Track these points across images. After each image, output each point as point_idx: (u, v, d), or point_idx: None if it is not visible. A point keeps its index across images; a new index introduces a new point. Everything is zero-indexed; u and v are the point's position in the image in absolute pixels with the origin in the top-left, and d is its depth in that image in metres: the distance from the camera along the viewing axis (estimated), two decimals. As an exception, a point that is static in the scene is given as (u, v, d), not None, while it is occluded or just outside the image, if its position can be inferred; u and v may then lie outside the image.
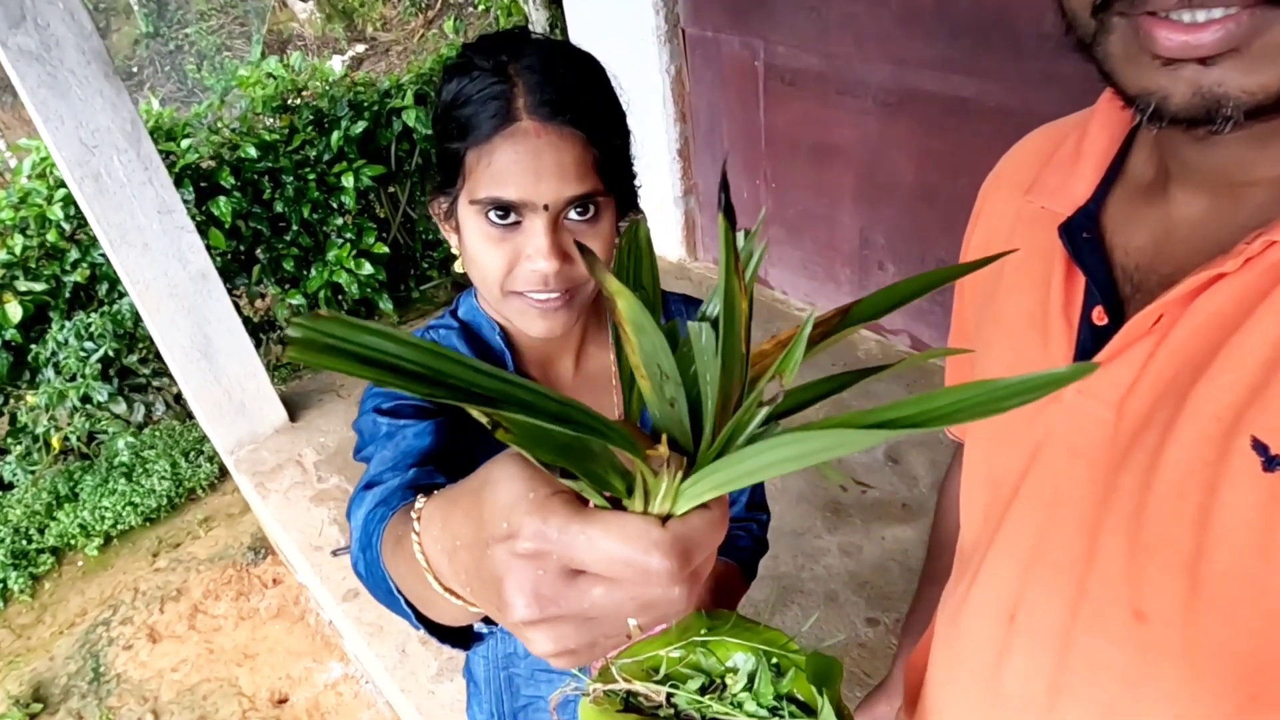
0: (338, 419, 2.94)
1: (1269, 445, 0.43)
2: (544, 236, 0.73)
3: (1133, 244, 0.54)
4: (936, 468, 2.40)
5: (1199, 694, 0.51)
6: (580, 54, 0.78)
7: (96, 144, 2.19)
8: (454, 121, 0.74)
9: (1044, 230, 0.59)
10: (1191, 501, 0.47)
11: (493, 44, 0.75)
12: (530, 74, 0.72)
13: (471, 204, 0.75)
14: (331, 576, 2.37)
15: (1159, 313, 0.49)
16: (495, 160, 0.72)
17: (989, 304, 0.67)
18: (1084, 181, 0.58)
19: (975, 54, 2.19)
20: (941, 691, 0.75)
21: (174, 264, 2.45)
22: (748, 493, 1.06)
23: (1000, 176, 0.70)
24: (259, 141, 3.71)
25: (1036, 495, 0.58)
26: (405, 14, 7.51)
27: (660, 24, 3.00)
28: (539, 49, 0.74)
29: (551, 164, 0.71)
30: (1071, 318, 0.56)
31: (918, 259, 2.69)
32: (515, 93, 0.72)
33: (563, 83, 0.73)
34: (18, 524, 3.23)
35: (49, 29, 2.05)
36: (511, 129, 0.71)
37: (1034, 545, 0.59)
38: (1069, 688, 0.58)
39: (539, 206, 0.72)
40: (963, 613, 0.68)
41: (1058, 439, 0.56)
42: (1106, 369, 0.52)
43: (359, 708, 2.53)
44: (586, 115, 0.74)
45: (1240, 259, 0.45)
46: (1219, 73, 0.40)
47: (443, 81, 0.77)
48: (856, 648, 1.97)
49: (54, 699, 2.70)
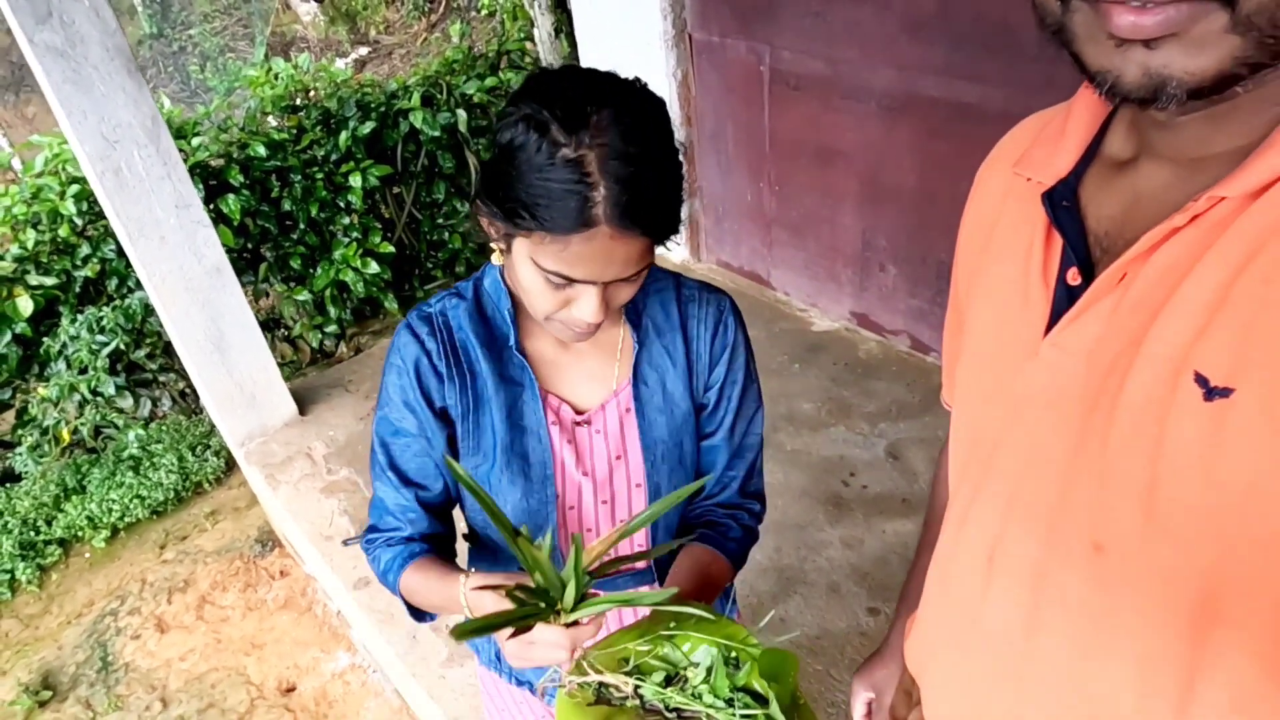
0: (347, 413, 2.98)
1: (1209, 378, 0.47)
2: (595, 302, 0.80)
3: (1104, 212, 0.59)
4: (935, 464, 2.45)
5: (1153, 621, 0.55)
6: (658, 137, 0.77)
7: (118, 139, 2.24)
8: (524, 191, 0.74)
9: (1028, 201, 0.64)
10: (1145, 435, 0.51)
11: (572, 112, 0.73)
12: (612, 179, 0.72)
13: (532, 259, 0.78)
14: (342, 565, 2.40)
15: (1123, 271, 0.54)
16: (568, 249, 0.75)
17: (977, 271, 0.72)
18: (1066, 156, 0.63)
19: (977, 60, 2.25)
20: (930, 635, 0.79)
21: (189, 258, 2.49)
22: (739, 479, 1.06)
23: (995, 156, 0.76)
24: (268, 140, 3.76)
25: (1016, 445, 0.63)
26: (408, 17, 7.57)
27: (667, 28, 3.05)
28: (621, 134, 0.73)
29: (620, 260, 0.77)
30: (1049, 279, 0.61)
31: (919, 261, 2.74)
32: (595, 197, 0.72)
33: (643, 191, 0.74)
34: (26, 515, 3.25)
35: (74, 25, 2.10)
36: (590, 233, 0.74)
37: (1012, 490, 0.63)
38: (1042, 622, 0.62)
39: (597, 283, 0.79)
40: (950, 560, 0.72)
41: (1035, 392, 0.61)
42: (1077, 323, 0.57)
43: (366, 696, 2.56)
44: (659, 222, 0.77)
45: (1189, 214, 0.50)
46: (1163, 55, 0.45)
47: (510, 123, 0.75)
48: (858, 636, 2.02)
49: (63, 687, 2.73)
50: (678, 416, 0.99)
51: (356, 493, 2.63)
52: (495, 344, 0.95)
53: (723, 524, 1.04)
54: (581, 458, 0.98)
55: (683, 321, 0.98)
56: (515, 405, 0.94)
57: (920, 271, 2.76)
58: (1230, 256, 0.48)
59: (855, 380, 2.84)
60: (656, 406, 0.97)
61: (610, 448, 0.98)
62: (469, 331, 0.94)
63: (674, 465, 1.00)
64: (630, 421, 0.97)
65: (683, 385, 0.98)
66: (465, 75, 4.31)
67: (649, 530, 1.04)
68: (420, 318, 0.96)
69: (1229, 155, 0.51)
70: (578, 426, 0.97)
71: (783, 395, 2.81)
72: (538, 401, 0.94)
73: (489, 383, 0.94)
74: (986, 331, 0.68)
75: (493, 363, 0.94)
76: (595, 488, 0.99)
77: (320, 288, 3.92)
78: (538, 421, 0.95)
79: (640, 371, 0.97)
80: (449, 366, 0.93)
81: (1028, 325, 0.62)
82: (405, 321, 0.96)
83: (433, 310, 0.96)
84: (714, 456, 1.04)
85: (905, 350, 2.94)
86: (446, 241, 4.36)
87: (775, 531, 2.32)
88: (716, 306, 0.99)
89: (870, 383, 2.83)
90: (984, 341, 0.68)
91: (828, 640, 2.02)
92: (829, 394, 2.79)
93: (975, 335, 0.70)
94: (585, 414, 0.97)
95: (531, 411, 0.95)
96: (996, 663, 0.67)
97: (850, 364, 2.93)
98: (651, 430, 0.98)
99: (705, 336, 0.98)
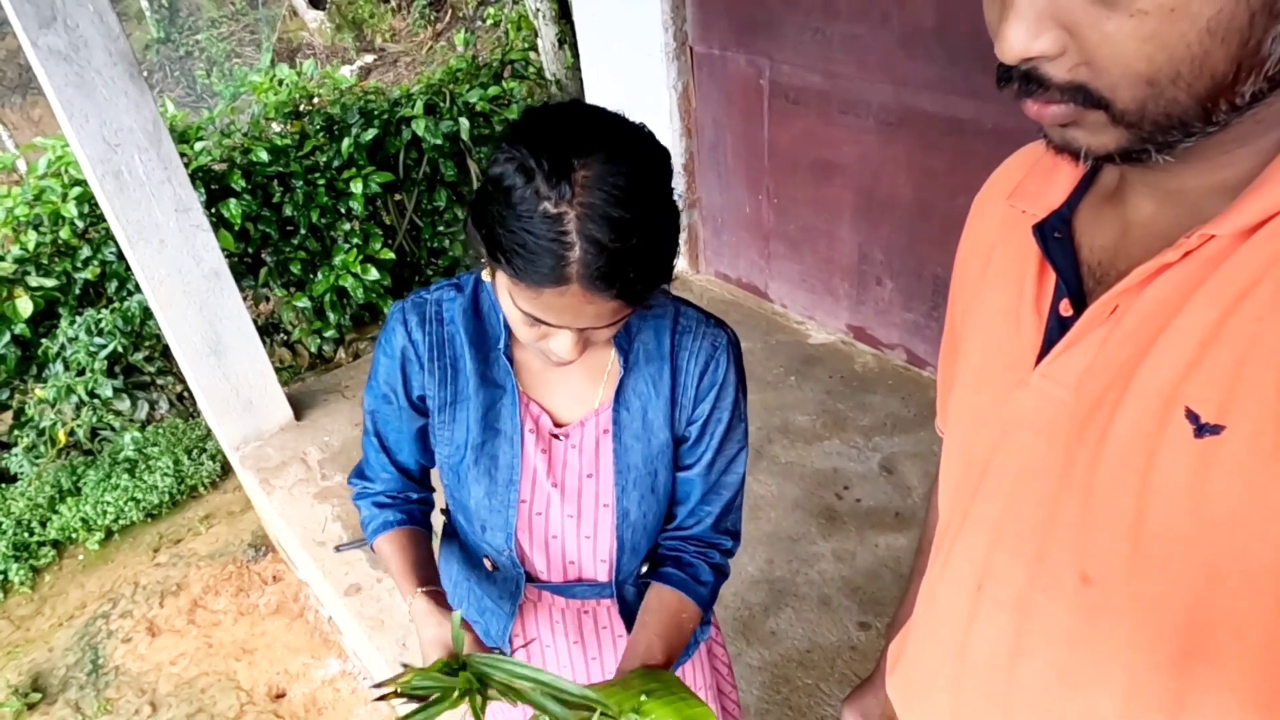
0: (342, 418, 2.98)
1: (1200, 414, 0.48)
2: (569, 343, 0.81)
3: (1097, 244, 0.60)
4: (929, 478, 2.45)
5: (1139, 653, 0.55)
6: (649, 196, 0.74)
7: (119, 143, 2.25)
8: (504, 236, 0.73)
9: (1022, 232, 0.65)
10: (1134, 470, 0.52)
11: (558, 164, 0.70)
12: (588, 241, 0.71)
13: (510, 294, 0.78)
14: (334, 571, 2.40)
15: (1114, 303, 0.55)
16: (540, 298, 0.75)
17: (973, 299, 0.72)
18: (1059, 188, 0.64)
19: (973, 76, 2.27)
20: (916, 660, 0.80)
21: (188, 261, 2.50)
22: (713, 515, 1.03)
23: (990, 187, 0.77)
24: (270, 146, 3.78)
25: (1004, 472, 0.63)
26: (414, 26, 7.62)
27: (669, 41, 3.07)
28: (606, 193, 0.71)
29: (592, 315, 0.77)
30: (1042, 310, 0.62)
31: (915, 275, 2.75)
32: (570, 257, 0.71)
33: (619, 257, 0.72)
34: (20, 516, 3.26)
35: (78, 30, 2.11)
36: (561, 289, 0.73)
37: (1000, 518, 0.64)
38: (1027, 651, 0.62)
39: (571, 328, 0.79)
40: (938, 586, 0.73)
41: (1023, 420, 0.61)
42: (1067, 354, 0.57)
43: (356, 703, 2.56)
44: (635, 288, 0.75)
45: (1180, 251, 0.51)
46: (1072, 132, 0.51)
47: (501, 159, 0.74)
48: (849, 650, 2.02)
49: (53, 689, 2.73)
50: (654, 446, 0.98)
51: (349, 499, 2.63)
52: (485, 343, 0.95)
53: (692, 564, 1.02)
54: (553, 468, 0.98)
55: (673, 352, 0.96)
56: (493, 408, 0.95)
57: (916, 286, 2.77)
58: (1222, 294, 0.49)
59: (850, 393, 2.85)
60: (634, 433, 0.97)
61: (583, 464, 0.98)
62: (459, 326, 0.94)
63: (645, 492, 0.99)
64: (606, 442, 0.97)
65: (663, 416, 0.97)
66: (469, 84, 4.34)
67: (614, 549, 1.03)
68: (413, 305, 0.96)
69: (1217, 188, 0.52)
70: (554, 438, 0.98)
71: (778, 407, 2.81)
72: (516, 408, 0.95)
73: (470, 381, 0.95)
74: (979, 360, 0.69)
75: (478, 362, 0.94)
76: (563, 499, 1.00)
77: (320, 293, 3.93)
78: (513, 427, 0.95)
79: (623, 396, 0.96)
80: (432, 360, 0.95)
81: (1019, 354, 0.62)
82: (399, 305, 0.97)
83: (428, 299, 0.96)
84: (689, 489, 1.02)
85: (901, 364, 2.94)
86: (447, 249, 4.38)
87: (767, 543, 2.31)
88: (711, 342, 0.96)
89: (865, 396, 2.83)
90: (977, 370, 0.69)
91: (818, 654, 2.02)
92: (824, 407, 2.79)
93: (968, 363, 0.71)
94: (563, 427, 0.97)
95: (509, 417, 0.95)
96: (982, 690, 0.67)
97: (846, 377, 2.93)
98: (626, 454, 0.97)
99: (694, 371, 0.96)
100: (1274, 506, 0.46)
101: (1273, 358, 0.46)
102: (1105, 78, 0.46)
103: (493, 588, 1.09)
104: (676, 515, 1.05)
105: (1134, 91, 0.46)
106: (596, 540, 1.03)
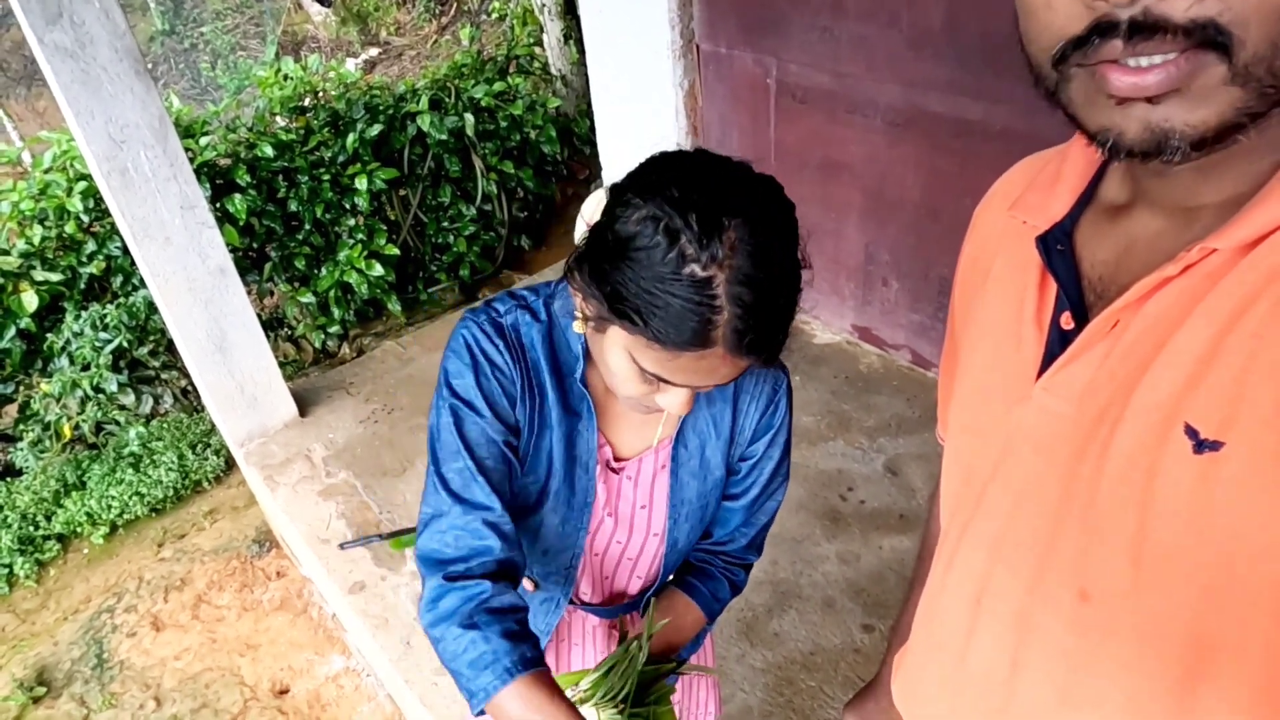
0: (347, 415, 2.98)
1: (1199, 430, 0.48)
2: (684, 399, 0.78)
3: (1099, 257, 0.60)
4: (934, 480, 2.44)
5: (1139, 672, 0.55)
6: (786, 253, 0.72)
7: (125, 139, 2.25)
8: (641, 296, 0.69)
9: (1024, 244, 0.64)
10: (1134, 486, 0.51)
11: (707, 224, 0.67)
12: (736, 304, 0.68)
13: (629, 352, 0.74)
14: (338, 569, 2.41)
15: (1115, 318, 0.54)
16: (675, 361, 0.71)
17: (973, 309, 0.72)
18: (1061, 201, 0.64)
19: (982, 77, 2.25)
20: (916, 672, 0.80)
21: (194, 258, 2.50)
22: (748, 537, 1.05)
23: (992, 197, 0.76)
24: (275, 141, 3.77)
25: (1005, 486, 0.63)
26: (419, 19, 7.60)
27: (675, 39, 3.06)
28: (751, 254, 0.68)
29: (724, 375, 0.75)
30: (1043, 323, 0.62)
31: (921, 276, 2.74)
32: (718, 320, 0.68)
33: (764, 320, 0.70)
34: (25, 510, 3.27)
35: (84, 26, 2.11)
36: (703, 353, 0.70)
37: (1001, 532, 0.63)
38: (1027, 665, 0.62)
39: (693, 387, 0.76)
40: (939, 597, 0.73)
41: (1025, 434, 0.61)
42: (1069, 368, 0.57)
43: (359, 700, 2.56)
44: (774, 348, 0.74)
45: (1181, 265, 0.50)
46: (1165, 110, 0.45)
47: (636, 218, 0.69)
48: (852, 653, 2.02)
49: (57, 683, 2.74)
50: (709, 482, 0.99)
51: (355, 496, 2.63)
52: (560, 371, 0.91)
53: (716, 579, 1.05)
54: (610, 498, 0.98)
55: (735, 394, 0.96)
56: (573, 435, 0.93)
57: (922, 286, 2.76)
58: (1222, 309, 0.48)
59: (855, 394, 2.84)
60: (691, 470, 0.97)
61: (638, 496, 0.98)
62: (540, 354, 0.90)
63: (695, 524, 1.01)
64: (663, 478, 0.98)
65: (721, 455, 0.98)
66: (474, 79, 4.32)
67: (657, 572, 1.06)
68: (492, 325, 0.88)
69: (1222, 205, 0.51)
70: (611, 471, 0.97)
71: (782, 407, 2.80)
72: (594, 434, 0.93)
73: (554, 409, 0.91)
74: (980, 371, 0.68)
75: (557, 390, 0.91)
76: (615, 527, 1.00)
77: (324, 288, 3.93)
78: (589, 453, 0.94)
79: (683, 434, 0.96)
80: (522, 386, 0.89)
81: (1020, 367, 0.62)
82: (474, 322, 0.88)
83: (504, 322, 0.89)
84: (730, 516, 1.05)
85: (906, 365, 2.93)
86: (451, 245, 4.37)
87: (772, 545, 2.31)
88: (772, 386, 0.97)
89: (870, 397, 2.82)
90: (977, 381, 0.69)
91: (821, 656, 2.02)
92: (829, 407, 2.79)
93: (969, 374, 0.71)
94: (622, 461, 0.97)
95: (585, 443, 0.93)
96: (980, 705, 0.67)
97: (851, 377, 2.93)
98: (682, 490, 0.98)
99: (754, 414, 0.97)
100: (1275, 522, 0.46)
101: (1271, 373, 0.45)
102: (1238, 7, 0.41)
103: (530, 606, 1.09)
104: (713, 534, 1.07)
105: (1267, 29, 0.41)
106: (638, 563, 1.05)
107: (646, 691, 0.87)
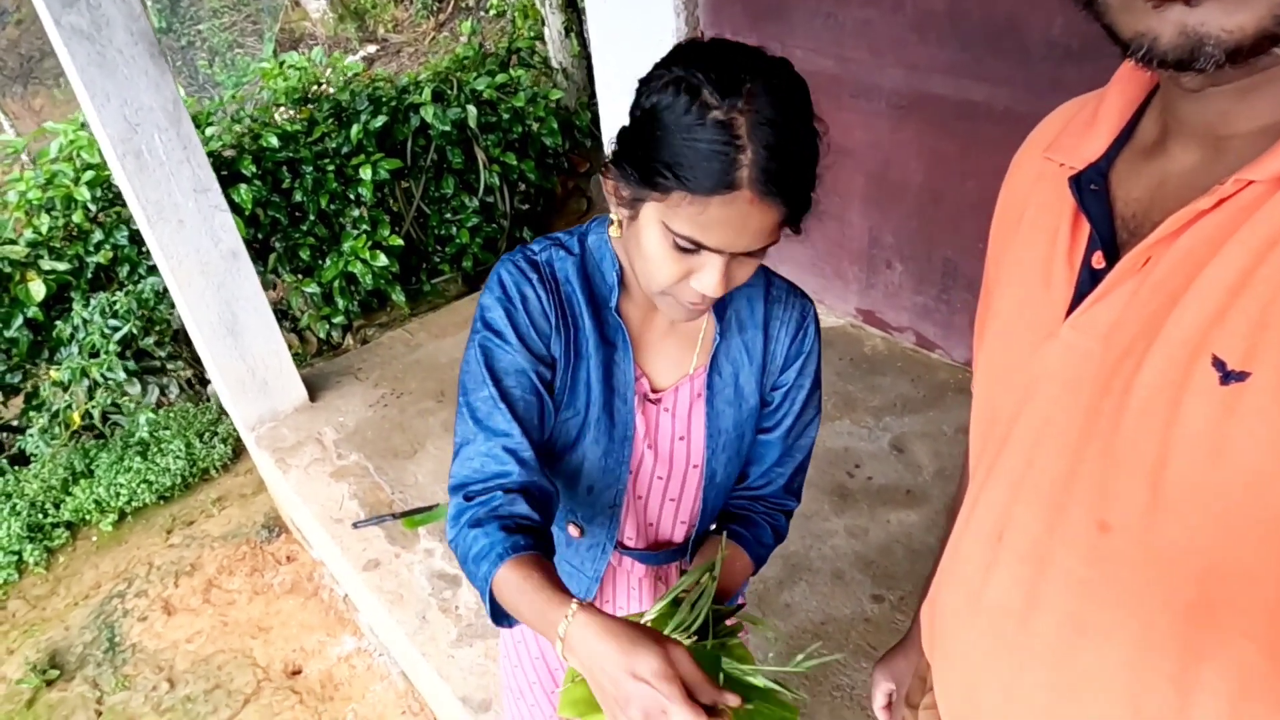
0: (357, 400, 3.00)
1: (1226, 361, 0.48)
2: (718, 274, 0.79)
3: (1132, 196, 0.60)
4: (939, 457, 2.49)
5: (1153, 601, 0.55)
6: (804, 113, 0.76)
7: (140, 122, 2.27)
8: (668, 151, 0.73)
9: (1058, 185, 0.65)
10: (1157, 416, 0.51)
11: (726, 78, 0.72)
12: (760, 145, 0.71)
13: (663, 223, 0.77)
14: (351, 548, 2.43)
15: (1147, 254, 0.54)
16: (705, 212, 0.74)
17: (1006, 254, 0.72)
18: (1097, 141, 0.64)
19: (985, 60, 2.29)
20: (938, 607, 0.80)
21: (206, 241, 2.52)
22: (785, 476, 1.07)
23: (1029, 143, 0.77)
24: (280, 131, 3.79)
25: (1029, 424, 0.63)
26: (417, 16, 7.62)
27: (680, 25, 3.09)
28: (773, 103, 0.72)
29: (753, 230, 0.76)
30: (1074, 263, 0.62)
31: (924, 258, 2.78)
32: (742, 160, 0.71)
33: (789, 160, 0.73)
34: (34, 498, 3.28)
35: (100, 9, 2.13)
36: (731, 196, 0.73)
37: (1023, 469, 0.63)
38: (1042, 600, 0.62)
39: (725, 252, 0.78)
40: (962, 536, 0.73)
41: (1050, 373, 0.61)
42: (1097, 306, 0.57)
43: (372, 680, 2.59)
44: (798, 193, 0.76)
45: (1215, 197, 0.50)
46: (1202, 13, 0.44)
47: (658, 86, 0.74)
48: (862, 622, 2.05)
49: (70, 666, 2.75)
50: (745, 410, 1.00)
51: (366, 477, 2.65)
52: (595, 302, 0.94)
53: (759, 526, 1.06)
54: (649, 430, 1.00)
55: (766, 320, 0.98)
56: (610, 365, 0.95)
57: (926, 269, 2.80)
58: (1254, 241, 0.48)
59: (860, 375, 2.88)
60: (726, 398, 0.99)
61: (676, 427, 1.00)
62: (575, 286, 0.93)
63: (732, 455, 1.03)
64: (699, 407, 0.99)
65: (755, 381, 1.00)
66: (476, 72, 4.35)
67: (697, 510, 1.07)
68: (527, 262, 0.92)
69: (1257, 135, 0.51)
70: (649, 402, 0.99)
71: (788, 389, 2.84)
72: (630, 364, 0.95)
73: (590, 340, 0.93)
74: (1010, 314, 0.68)
75: (594, 320, 0.93)
76: (655, 461, 1.02)
77: (328, 279, 3.95)
78: (626, 384, 0.96)
79: (717, 362, 0.98)
80: (557, 317, 0.92)
81: (1049, 307, 0.62)
82: (510, 260, 0.93)
83: (539, 259, 0.93)
84: (765, 450, 1.06)
85: (910, 347, 2.97)
86: (454, 236, 4.40)
87: (781, 520, 2.34)
88: (800, 311, 1.00)
89: (875, 378, 2.86)
90: (1006, 323, 0.69)
91: (832, 626, 2.05)
92: (834, 388, 2.82)
93: (999, 317, 0.70)
94: (659, 393, 0.99)
95: (622, 373, 0.95)
96: (996, 638, 0.68)
97: (855, 359, 2.96)
98: (718, 419, 1.00)
99: (785, 339, 0.99)
100: None
101: None
102: None
103: (575, 554, 1.09)
104: (749, 475, 1.08)
105: None
106: (681, 502, 1.05)
107: (718, 624, 0.88)
